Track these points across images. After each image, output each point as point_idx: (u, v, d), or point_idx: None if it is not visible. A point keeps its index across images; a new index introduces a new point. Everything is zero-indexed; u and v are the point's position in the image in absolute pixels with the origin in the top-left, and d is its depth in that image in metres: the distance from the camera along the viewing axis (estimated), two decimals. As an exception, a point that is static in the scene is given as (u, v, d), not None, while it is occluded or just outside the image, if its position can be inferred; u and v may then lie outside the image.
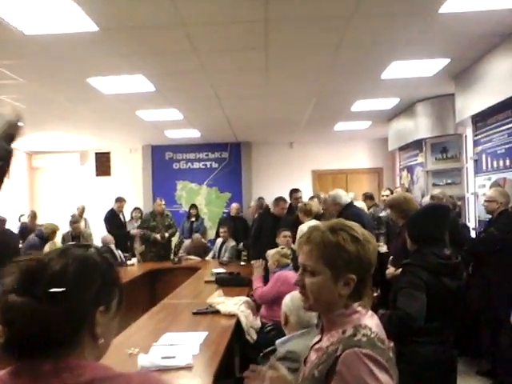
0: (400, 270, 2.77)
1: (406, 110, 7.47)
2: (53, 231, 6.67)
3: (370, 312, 1.33)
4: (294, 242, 5.74)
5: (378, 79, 5.53)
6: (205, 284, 5.86)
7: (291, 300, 2.47)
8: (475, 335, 4.91)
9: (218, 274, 6.11)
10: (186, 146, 10.58)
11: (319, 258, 1.30)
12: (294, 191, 7.80)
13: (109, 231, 8.52)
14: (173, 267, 7.89)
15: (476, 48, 4.64)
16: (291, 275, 4.34)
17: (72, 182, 11.33)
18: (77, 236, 7.43)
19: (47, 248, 6.31)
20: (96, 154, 11.31)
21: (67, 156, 11.19)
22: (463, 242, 4.61)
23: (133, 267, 7.84)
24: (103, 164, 11.32)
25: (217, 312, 4.16)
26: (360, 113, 7.59)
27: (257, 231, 6.53)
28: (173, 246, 9.26)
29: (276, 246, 5.69)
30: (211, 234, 9.81)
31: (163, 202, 8.54)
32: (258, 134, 9.93)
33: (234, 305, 4.26)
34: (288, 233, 5.68)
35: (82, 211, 9.26)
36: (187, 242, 8.85)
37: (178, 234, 9.39)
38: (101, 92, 5.57)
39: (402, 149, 8.23)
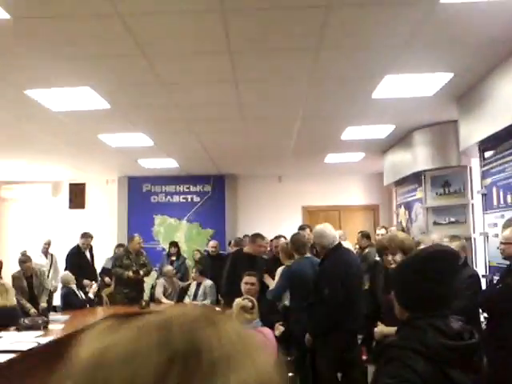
0: (393, 329, 1.91)
1: (402, 139, 6.68)
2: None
3: None
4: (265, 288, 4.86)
5: (369, 98, 4.74)
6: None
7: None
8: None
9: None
10: (164, 177, 9.77)
11: None
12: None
13: (70, 270, 7.63)
14: (139, 312, 6.94)
15: (484, 58, 3.86)
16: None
17: (43, 215, 10.47)
18: (30, 276, 6.51)
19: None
20: (70, 184, 10.50)
21: (38, 187, 10.37)
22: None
23: (93, 311, 6.90)
24: (77, 196, 10.49)
25: None
26: (352, 142, 6.80)
27: (230, 274, 5.59)
28: (146, 288, 8.33)
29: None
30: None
31: (141, 240, 7.60)
32: (242, 166, 9.13)
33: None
34: (252, 278, 4.72)
35: (47, 246, 8.36)
36: (161, 280, 7.93)
37: (154, 273, 8.49)
38: (45, 107, 4.77)
39: (399, 183, 7.40)
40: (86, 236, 7.88)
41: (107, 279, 7.86)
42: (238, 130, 5.98)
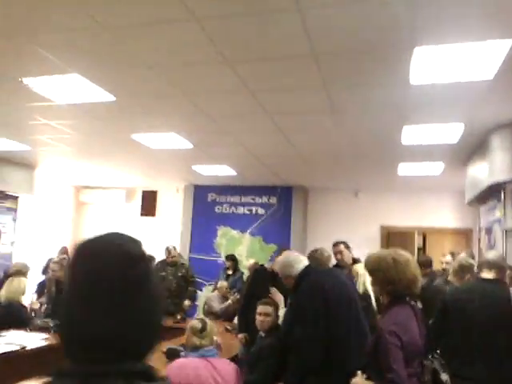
0: None
1: (480, 146, 5.43)
2: (17, 271, 5.63)
3: None
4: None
5: (407, 84, 3.76)
6: (162, 354, 4.33)
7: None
8: None
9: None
10: (229, 187, 9.28)
11: None
12: (335, 244, 5.72)
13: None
14: (173, 326, 6.40)
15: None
16: (191, 364, 2.71)
17: (116, 220, 10.57)
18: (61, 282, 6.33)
19: (7, 285, 5.30)
20: (143, 191, 10.49)
21: (113, 192, 10.51)
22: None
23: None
24: (149, 203, 10.43)
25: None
26: (418, 148, 5.70)
27: (248, 294, 4.82)
28: (200, 302, 7.87)
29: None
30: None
31: (173, 254, 7.02)
32: (308, 177, 8.31)
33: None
34: (266, 308, 3.89)
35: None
36: (214, 294, 7.37)
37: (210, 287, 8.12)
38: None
39: (482, 201, 6.06)
40: None
41: None
42: (272, 131, 5.24)
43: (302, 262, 3.24)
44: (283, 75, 3.71)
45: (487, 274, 3.22)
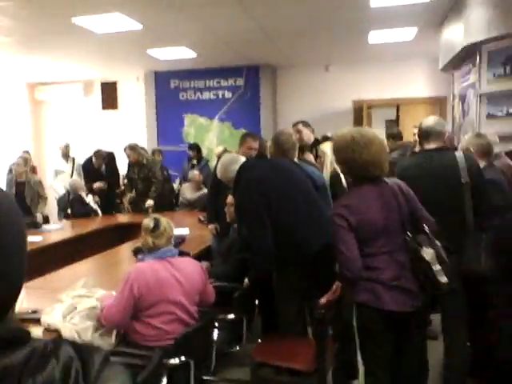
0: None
1: (456, 3, 4.96)
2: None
3: None
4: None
5: None
6: (131, 253, 4.21)
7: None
8: None
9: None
10: (192, 71, 8.65)
11: None
12: (293, 125, 5.24)
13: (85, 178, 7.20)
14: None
15: None
16: (150, 269, 2.56)
17: (76, 116, 9.98)
18: (22, 183, 6.03)
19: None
20: (102, 83, 9.79)
21: (70, 87, 9.78)
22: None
23: (93, 220, 6.30)
24: (109, 95, 9.78)
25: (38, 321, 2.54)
26: (390, 10, 5.19)
27: (215, 183, 4.60)
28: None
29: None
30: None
31: (127, 153, 6.61)
32: (275, 54, 7.75)
33: (69, 313, 2.55)
34: (232, 198, 3.70)
35: (66, 150, 7.80)
36: (185, 185, 7.22)
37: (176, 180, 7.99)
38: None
39: (456, 66, 5.72)
40: (97, 156, 7.21)
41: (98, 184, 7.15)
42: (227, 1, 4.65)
43: (239, 161, 3.08)
44: None
45: (428, 145, 2.96)
